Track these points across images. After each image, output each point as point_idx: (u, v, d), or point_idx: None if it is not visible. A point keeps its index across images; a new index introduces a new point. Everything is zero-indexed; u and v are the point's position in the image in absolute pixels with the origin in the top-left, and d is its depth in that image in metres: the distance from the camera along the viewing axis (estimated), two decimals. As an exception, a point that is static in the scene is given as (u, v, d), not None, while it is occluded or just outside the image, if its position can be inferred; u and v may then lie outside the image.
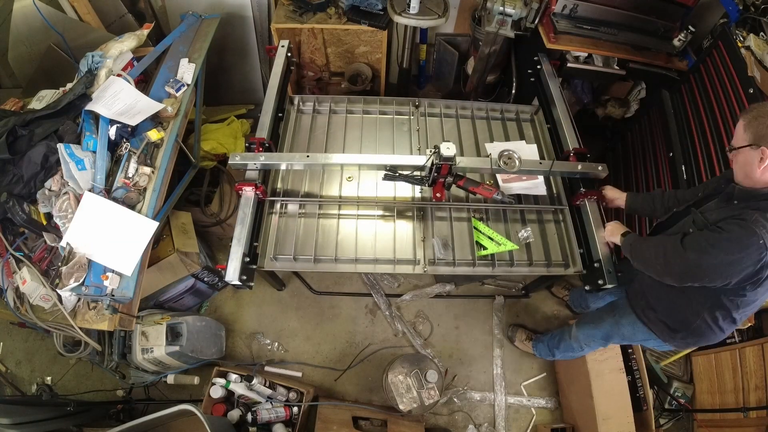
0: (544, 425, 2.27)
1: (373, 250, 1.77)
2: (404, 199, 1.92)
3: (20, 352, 2.39)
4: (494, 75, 2.83)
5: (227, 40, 2.59)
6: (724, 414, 2.14)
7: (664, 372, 2.38)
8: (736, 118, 1.74)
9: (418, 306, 2.57)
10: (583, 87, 2.72)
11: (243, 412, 1.89)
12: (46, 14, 2.00)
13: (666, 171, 2.11)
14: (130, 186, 1.63)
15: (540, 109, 2.23)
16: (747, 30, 1.86)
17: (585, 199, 1.76)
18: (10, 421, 1.64)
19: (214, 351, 2.26)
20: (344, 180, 1.96)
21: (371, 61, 2.85)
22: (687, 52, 2.32)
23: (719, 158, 1.82)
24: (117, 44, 1.92)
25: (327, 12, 2.45)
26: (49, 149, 1.59)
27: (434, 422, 2.30)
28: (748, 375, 2.08)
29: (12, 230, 1.61)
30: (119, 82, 1.80)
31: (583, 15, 2.27)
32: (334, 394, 2.34)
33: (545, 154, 2.10)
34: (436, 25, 2.37)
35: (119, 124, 1.69)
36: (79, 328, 1.57)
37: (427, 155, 1.66)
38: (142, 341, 1.95)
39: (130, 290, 1.52)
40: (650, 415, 2.03)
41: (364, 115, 2.19)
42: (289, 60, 2.14)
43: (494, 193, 1.73)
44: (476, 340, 2.51)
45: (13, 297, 1.56)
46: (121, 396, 2.22)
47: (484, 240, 1.80)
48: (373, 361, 2.41)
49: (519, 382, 2.41)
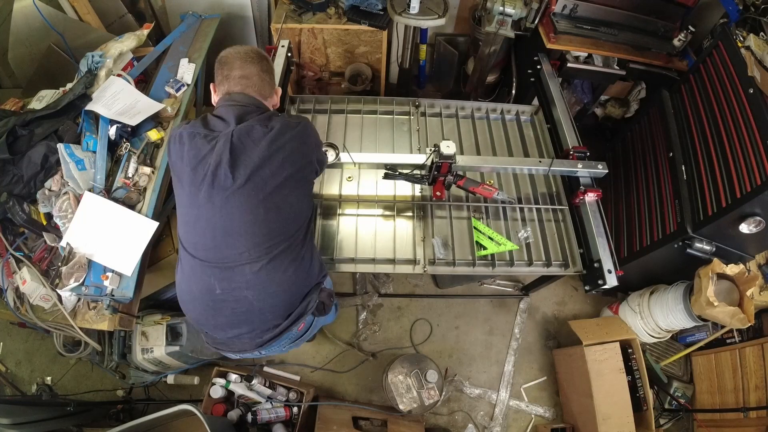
0: (544, 425, 2.27)
1: (372, 249, 1.77)
2: (404, 198, 1.92)
3: (20, 352, 2.39)
4: (494, 75, 2.83)
5: (227, 40, 2.58)
6: (724, 414, 2.14)
7: (664, 372, 2.38)
8: (736, 118, 1.76)
9: (419, 306, 2.58)
10: (583, 87, 2.72)
11: (243, 412, 1.89)
12: (46, 14, 1.99)
13: (666, 171, 2.11)
14: (130, 186, 1.63)
15: (540, 109, 2.22)
16: (747, 30, 1.86)
17: (585, 198, 1.76)
18: (10, 421, 1.64)
19: (214, 351, 2.25)
20: (344, 180, 1.96)
21: (371, 61, 2.85)
22: (687, 52, 2.32)
23: (719, 158, 1.82)
24: (117, 44, 1.92)
25: (327, 12, 2.45)
26: (49, 149, 1.59)
27: (434, 422, 2.30)
28: (748, 375, 2.08)
29: (12, 230, 1.61)
30: (119, 82, 1.80)
31: (583, 15, 2.28)
32: (334, 394, 2.34)
33: (545, 153, 2.11)
34: (436, 25, 2.37)
35: (119, 124, 1.68)
36: (79, 328, 1.57)
37: (427, 154, 1.66)
38: (142, 341, 1.95)
39: (130, 290, 1.52)
40: (650, 415, 2.03)
41: (364, 115, 2.19)
42: (289, 60, 2.14)
43: (494, 193, 1.73)
44: (476, 340, 2.51)
45: (13, 297, 1.56)
46: (121, 396, 2.22)
47: (484, 240, 1.80)
48: (373, 361, 2.41)
49: (519, 383, 2.41)
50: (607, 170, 1.78)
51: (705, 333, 2.33)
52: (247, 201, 1.17)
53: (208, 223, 1.19)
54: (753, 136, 1.66)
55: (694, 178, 1.93)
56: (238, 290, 1.22)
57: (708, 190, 1.84)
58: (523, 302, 2.61)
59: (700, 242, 1.85)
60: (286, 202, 1.23)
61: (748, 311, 1.85)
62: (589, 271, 1.71)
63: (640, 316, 2.26)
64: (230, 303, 1.24)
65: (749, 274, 1.90)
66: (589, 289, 1.70)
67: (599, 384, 2.00)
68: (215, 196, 1.17)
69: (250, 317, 1.27)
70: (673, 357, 2.39)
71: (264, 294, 1.24)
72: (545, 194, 1.98)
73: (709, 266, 1.88)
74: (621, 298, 2.49)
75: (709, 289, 1.85)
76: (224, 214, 1.17)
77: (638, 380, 2.06)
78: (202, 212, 1.19)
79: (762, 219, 1.65)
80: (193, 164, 1.18)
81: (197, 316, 1.33)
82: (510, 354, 2.48)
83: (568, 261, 1.79)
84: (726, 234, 1.81)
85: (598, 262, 1.64)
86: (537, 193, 1.97)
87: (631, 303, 2.34)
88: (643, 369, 2.06)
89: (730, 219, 1.72)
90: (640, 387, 2.05)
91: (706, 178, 1.86)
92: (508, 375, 2.43)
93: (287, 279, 1.26)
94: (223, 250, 1.20)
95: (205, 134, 1.20)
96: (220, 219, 1.18)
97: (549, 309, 2.63)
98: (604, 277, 1.60)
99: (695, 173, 1.93)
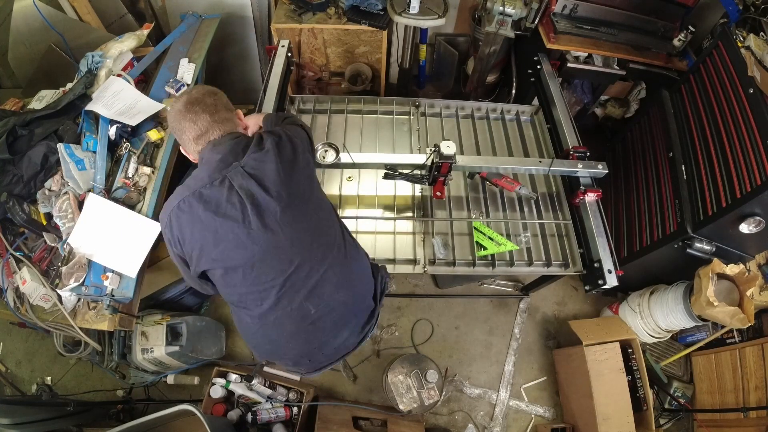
0: (544, 425, 2.27)
1: (373, 249, 1.77)
2: (404, 198, 1.92)
3: (20, 352, 2.39)
4: (494, 75, 2.83)
5: (227, 40, 2.59)
6: (724, 414, 2.14)
7: (664, 372, 2.38)
8: (736, 118, 1.76)
9: (419, 306, 2.57)
10: (583, 87, 2.72)
11: (243, 412, 1.89)
12: (46, 14, 1.99)
13: (666, 171, 2.11)
14: (130, 186, 1.63)
15: (540, 109, 2.23)
16: (747, 30, 1.85)
17: (585, 198, 1.76)
18: (10, 421, 1.64)
19: (214, 351, 2.26)
20: (344, 180, 1.96)
21: (371, 61, 2.85)
22: (687, 52, 2.32)
23: (719, 158, 1.82)
24: (117, 44, 1.92)
25: (327, 12, 2.45)
26: (49, 149, 1.59)
27: (434, 422, 2.30)
28: (748, 375, 2.08)
29: (12, 230, 1.61)
30: (119, 82, 1.80)
31: (583, 15, 2.28)
32: (334, 394, 2.34)
33: (545, 153, 2.11)
34: (436, 25, 2.36)
35: (119, 124, 1.68)
36: (79, 328, 1.57)
37: (427, 154, 1.66)
38: (142, 341, 1.95)
39: (130, 290, 1.52)
40: (650, 415, 2.03)
41: (364, 115, 2.19)
42: (289, 60, 2.14)
43: (517, 187, 1.74)
44: (476, 340, 2.51)
45: (13, 297, 1.56)
46: (121, 396, 2.22)
47: (484, 240, 1.80)
48: (373, 361, 2.41)
49: (519, 383, 2.41)
50: (607, 170, 1.78)
51: (705, 333, 2.33)
52: (299, 211, 1.15)
53: (278, 250, 1.13)
54: (753, 136, 1.66)
55: (694, 178, 1.93)
56: (331, 298, 1.20)
57: (708, 190, 1.84)
58: (523, 302, 2.61)
59: (700, 242, 1.85)
60: (318, 197, 1.25)
61: (748, 311, 1.85)
62: (589, 271, 1.71)
63: (640, 316, 2.26)
64: (327, 316, 1.21)
65: (749, 274, 1.90)
66: (589, 289, 1.70)
67: (599, 384, 2.00)
68: (270, 222, 1.11)
69: (347, 317, 1.27)
70: (673, 357, 2.39)
71: (352, 289, 1.26)
72: (545, 194, 1.98)
73: (709, 266, 1.88)
74: (621, 298, 2.49)
75: (709, 289, 1.85)
76: (288, 232, 1.13)
77: (638, 380, 2.06)
78: (266, 245, 1.11)
79: (762, 219, 1.65)
80: (222, 210, 1.09)
81: (297, 354, 1.27)
82: (510, 354, 2.48)
83: (568, 261, 1.79)
84: (726, 234, 1.81)
85: (598, 262, 1.64)
86: (537, 193, 1.97)
87: (631, 303, 2.34)
88: (643, 369, 2.06)
89: (730, 219, 1.72)
90: (640, 387, 2.05)
91: (706, 178, 1.86)
92: (508, 375, 2.43)
93: (359, 264, 1.30)
94: (304, 267, 1.15)
95: (211, 182, 1.10)
96: (286, 239, 1.13)
97: (549, 309, 2.62)
98: (604, 277, 1.60)
99: (695, 173, 1.93)
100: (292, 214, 1.13)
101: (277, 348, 1.27)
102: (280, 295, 1.15)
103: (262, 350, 1.30)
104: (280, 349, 1.27)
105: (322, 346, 1.27)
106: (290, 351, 1.27)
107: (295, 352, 1.27)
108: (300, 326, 1.20)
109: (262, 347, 1.29)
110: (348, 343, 1.31)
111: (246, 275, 1.13)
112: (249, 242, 1.10)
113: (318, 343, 1.26)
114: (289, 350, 1.27)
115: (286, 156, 1.18)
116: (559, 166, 1.78)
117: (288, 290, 1.15)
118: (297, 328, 1.20)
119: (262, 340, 1.26)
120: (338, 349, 1.31)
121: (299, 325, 1.20)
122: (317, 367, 1.35)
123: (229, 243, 1.11)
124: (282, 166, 1.15)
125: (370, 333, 1.37)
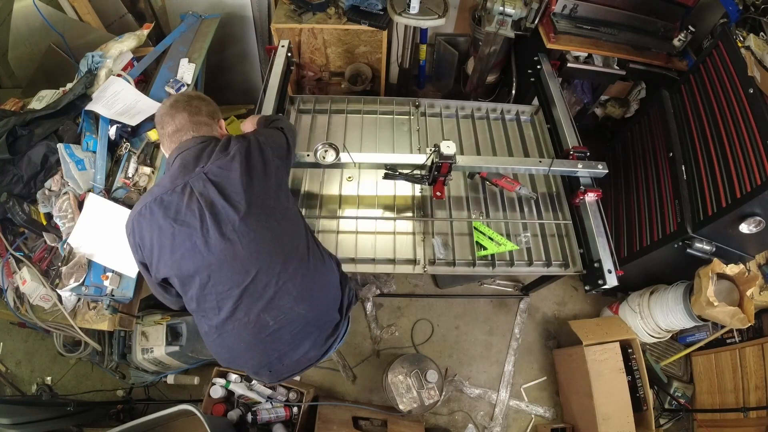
0: (544, 425, 2.27)
1: (372, 249, 1.77)
2: (404, 199, 1.92)
3: (20, 352, 2.39)
4: (494, 75, 2.83)
5: (227, 40, 2.59)
6: (724, 414, 2.14)
7: (664, 372, 2.38)
8: (736, 118, 1.76)
9: (419, 306, 2.58)
10: (583, 87, 2.72)
11: (243, 412, 1.89)
12: (46, 14, 1.99)
13: (666, 171, 2.11)
14: (130, 186, 1.63)
15: (540, 109, 2.23)
16: (747, 30, 1.86)
17: (585, 198, 1.76)
18: (10, 421, 1.64)
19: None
20: (344, 180, 1.96)
21: (371, 61, 2.85)
22: (687, 52, 2.32)
23: (719, 158, 1.82)
24: (117, 44, 1.92)
25: (327, 12, 2.45)
26: (49, 149, 1.59)
27: (434, 422, 2.30)
28: (748, 375, 2.08)
29: (12, 230, 1.61)
30: (119, 82, 1.80)
31: (583, 15, 2.28)
32: (334, 394, 2.34)
33: (545, 153, 2.11)
34: (436, 25, 2.36)
35: (119, 124, 1.69)
36: (79, 328, 1.57)
37: (427, 154, 1.66)
38: (142, 341, 1.95)
39: (130, 290, 1.52)
40: (650, 415, 2.03)
41: (364, 115, 2.19)
42: (289, 60, 2.14)
43: (517, 187, 1.74)
44: (476, 340, 2.51)
45: (13, 297, 1.56)
46: (121, 396, 2.22)
47: (484, 240, 1.80)
48: (373, 361, 2.41)
49: (519, 383, 2.41)
50: (607, 170, 1.78)
51: (705, 333, 2.33)
52: (259, 221, 1.12)
53: (235, 260, 1.10)
54: (753, 136, 1.66)
55: (694, 178, 1.93)
56: (290, 310, 1.17)
57: (708, 190, 1.84)
58: (523, 302, 2.61)
59: (700, 242, 1.85)
60: (284, 206, 1.22)
61: (748, 311, 1.85)
62: (589, 271, 1.71)
63: (640, 316, 2.26)
64: (286, 327, 1.19)
65: (749, 274, 1.90)
66: (589, 289, 1.70)
67: (599, 384, 2.00)
68: (228, 231, 1.09)
69: (308, 330, 1.23)
70: (673, 357, 2.39)
71: (314, 301, 1.22)
72: (545, 194, 1.98)
73: (709, 266, 1.88)
74: (621, 298, 2.49)
75: (709, 289, 1.85)
76: (246, 243, 1.10)
77: (638, 380, 2.06)
78: (223, 255, 1.09)
79: (762, 219, 1.65)
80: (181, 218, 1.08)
81: (256, 364, 1.25)
82: (510, 354, 2.48)
83: (568, 261, 1.79)
84: (726, 234, 1.81)
85: (598, 262, 1.64)
86: (537, 193, 1.97)
87: (631, 303, 2.34)
88: (643, 369, 2.06)
89: (730, 219, 1.72)
90: (640, 387, 2.05)
91: (706, 178, 1.86)
92: (508, 375, 2.43)
93: (323, 276, 1.25)
94: (262, 278, 1.12)
95: (173, 188, 1.10)
96: (244, 250, 1.10)
97: (549, 309, 2.62)
98: (604, 277, 1.60)
99: (695, 173, 1.93)
100: (251, 224, 1.11)
101: (235, 357, 1.25)
102: (236, 306, 1.13)
103: (221, 358, 1.28)
104: (238, 358, 1.25)
105: (281, 357, 1.24)
106: (249, 361, 1.25)
107: (254, 362, 1.25)
108: (258, 337, 1.17)
109: (221, 355, 1.26)
110: (310, 355, 1.28)
111: (202, 284, 1.11)
112: (205, 251, 1.09)
113: (277, 354, 1.23)
114: (247, 360, 1.25)
115: (253, 163, 1.16)
116: (559, 166, 1.78)
117: (245, 301, 1.13)
118: (255, 338, 1.17)
119: (221, 349, 1.24)
120: (299, 361, 1.28)
121: (257, 336, 1.17)
122: (279, 377, 1.32)
123: (186, 251, 1.09)
124: (247, 173, 1.13)
125: (336, 345, 1.35)
